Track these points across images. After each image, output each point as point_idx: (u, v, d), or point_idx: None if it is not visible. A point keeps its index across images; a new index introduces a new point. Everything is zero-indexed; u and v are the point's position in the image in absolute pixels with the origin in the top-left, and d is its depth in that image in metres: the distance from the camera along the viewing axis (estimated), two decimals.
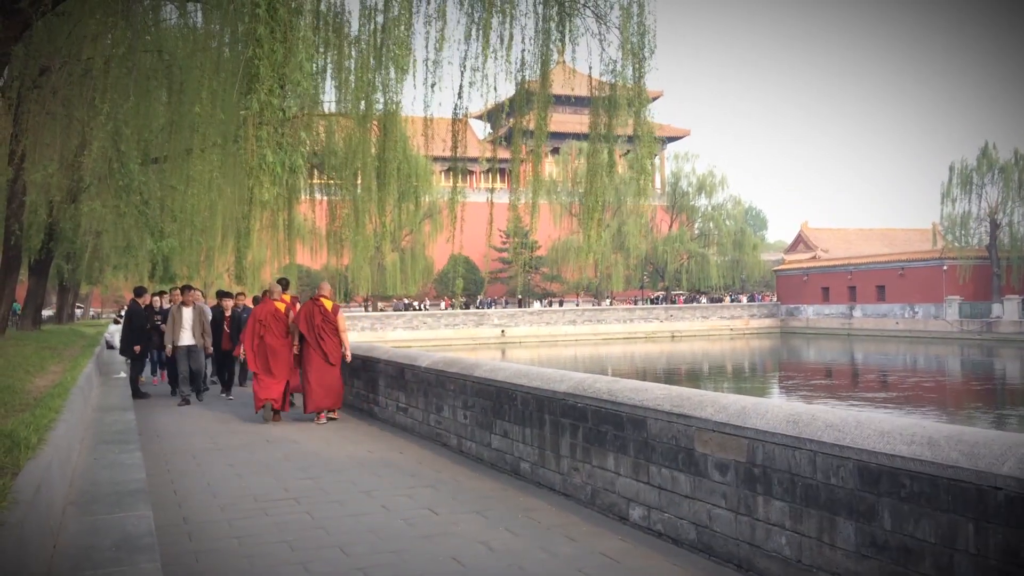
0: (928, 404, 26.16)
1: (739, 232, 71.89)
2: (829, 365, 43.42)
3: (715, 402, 5.03)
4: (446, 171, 14.51)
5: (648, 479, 5.43)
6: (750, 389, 31.95)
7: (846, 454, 3.96)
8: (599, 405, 6.00)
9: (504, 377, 7.61)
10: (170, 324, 13.49)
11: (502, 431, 7.61)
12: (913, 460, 3.63)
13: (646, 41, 10.57)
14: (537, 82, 11.41)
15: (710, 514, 4.85)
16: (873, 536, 3.80)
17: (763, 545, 4.44)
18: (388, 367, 10.94)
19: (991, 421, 22.50)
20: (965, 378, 36.29)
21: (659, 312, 66.51)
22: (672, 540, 5.16)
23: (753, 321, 68.57)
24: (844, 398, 27.85)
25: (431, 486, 7.06)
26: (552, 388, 6.69)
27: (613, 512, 5.80)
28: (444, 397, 8.99)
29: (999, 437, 3.51)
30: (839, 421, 4.14)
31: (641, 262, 70.33)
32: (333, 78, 13.17)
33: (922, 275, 58.12)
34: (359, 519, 5.98)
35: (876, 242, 75.63)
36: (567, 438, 6.45)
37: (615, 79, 10.95)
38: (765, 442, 4.46)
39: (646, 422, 5.46)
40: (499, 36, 10.54)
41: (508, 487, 6.94)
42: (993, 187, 55.25)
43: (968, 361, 42.95)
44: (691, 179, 72.98)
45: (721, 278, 70.18)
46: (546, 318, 62.81)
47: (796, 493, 4.25)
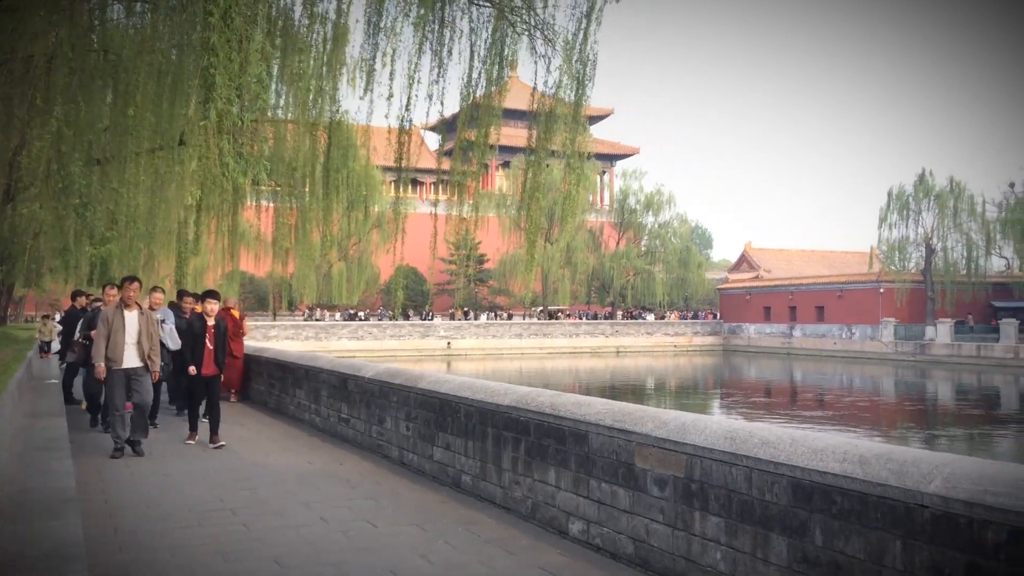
0: (862, 423, 26.78)
1: (685, 250, 72.84)
2: (769, 383, 44.18)
3: (656, 418, 5.09)
4: (404, 182, 14.55)
5: (588, 493, 5.46)
6: (691, 405, 32.34)
7: (780, 471, 4.04)
8: (542, 419, 6.02)
9: (448, 389, 7.59)
10: (100, 335, 9.30)
11: (444, 443, 7.58)
12: (844, 477, 3.72)
13: (588, 70, 10.76)
14: (485, 97, 11.48)
15: (648, 529, 4.90)
16: (805, 552, 3.88)
17: (699, 560, 4.50)
18: (331, 377, 10.83)
19: (922, 441, 23.12)
20: (898, 398, 37.24)
21: (605, 327, 66.98)
22: (610, 554, 5.19)
23: (696, 338, 69.47)
24: (782, 416, 28.35)
25: (371, 498, 7.00)
26: (496, 401, 6.69)
27: (553, 526, 5.82)
28: (387, 408, 8.93)
29: (927, 456, 3.62)
30: (774, 438, 4.23)
31: (588, 277, 70.80)
32: (282, 84, 13.06)
33: (860, 297, 59.56)
34: (297, 531, 5.90)
35: (817, 263, 77.33)
36: (509, 451, 6.46)
37: (558, 100, 11.11)
38: (703, 458, 4.53)
39: (588, 436, 5.50)
40: (449, 50, 10.59)
41: (449, 500, 6.92)
42: (929, 213, 56.93)
43: (902, 382, 44.08)
44: (639, 196, 73.79)
45: (666, 295, 70.98)
46: (492, 331, 62.80)
47: (732, 509, 4.31)
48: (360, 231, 45.82)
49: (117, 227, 15.54)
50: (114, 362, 9.15)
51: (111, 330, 9.20)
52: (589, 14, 10.62)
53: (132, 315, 9.35)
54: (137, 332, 9.31)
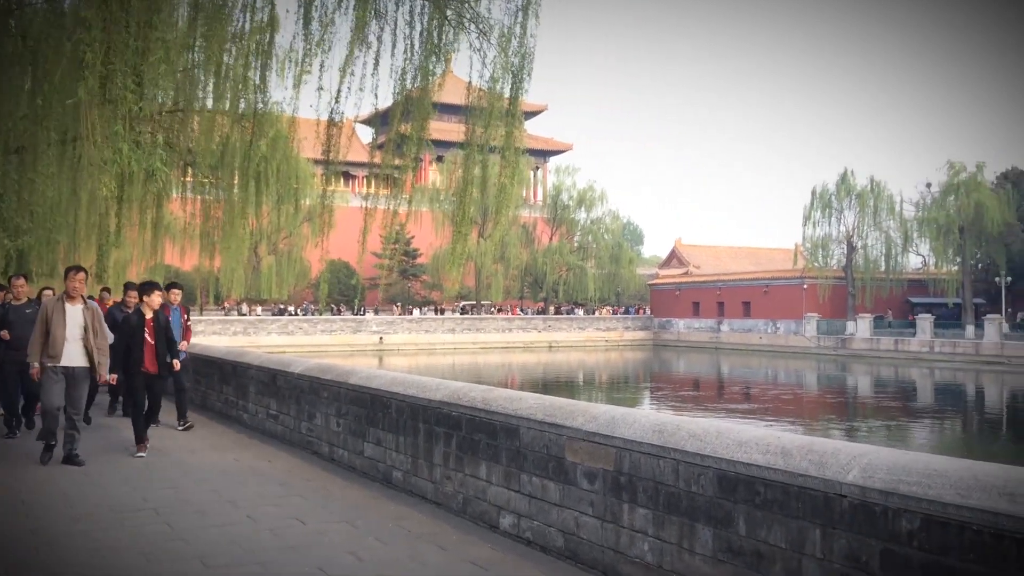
0: (786, 416, 27.51)
1: (616, 246, 73.61)
2: (697, 377, 45.03)
3: (586, 412, 5.14)
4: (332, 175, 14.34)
5: (519, 487, 5.49)
6: (622, 400, 32.77)
7: (707, 463, 4.12)
8: (474, 414, 6.03)
9: (379, 385, 7.54)
10: (38, 330, 8.38)
11: (375, 439, 7.53)
12: (768, 469, 3.81)
13: (525, 64, 10.76)
14: (420, 90, 11.40)
15: (578, 521, 4.95)
16: (729, 542, 3.97)
17: (627, 551, 4.57)
18: (259, 373, 10.65)
19: (842, 432, 23.86)
20: (820, 391, 38.37)
21: (537, 322, 67.34)
22: (541, 548, 5.23)
23: (627, 333, 70.36)
24: (710, 409, 28.94)
25: (300, 495, 6.91)
26: (427, 396, 6.67)
27: (484, 520, 5.83)
28: (317, 404, 8.82)
29: (845, 447, 3.74)
30: (701, 431, 4.31)
31: (521, 273, 71.03)
32: (211, 73, 12.76)
33: (784, 293, 61.11)
34: (222, 530, 5.79)
35: (744, 260, 79.05)
36: (441, 447, 6.45)
37: (492, 94, 11.09)
38: (632, 451, 4.59)
39: (519, 431, 5.52)
40: (381, 41, 10.49)
41: (380, 496, 6.87)
42: (850, 211, 58.69)
43: (823, 375, 45.42)
44: (572, 193, 74.26)
45: (598, 290, 71.64)
46: (425, 326, 62.57)
47: (659, 501, 4.39)
48: (290, 225, 45.08)
49: (35, 218, 14.98)
50: (53, 359, 8.20)
51: (50, 325, 8.23)
52: (526, 8, 10.62)
53: (75, 309, 8.35)
54: (81, 327, 8.31)
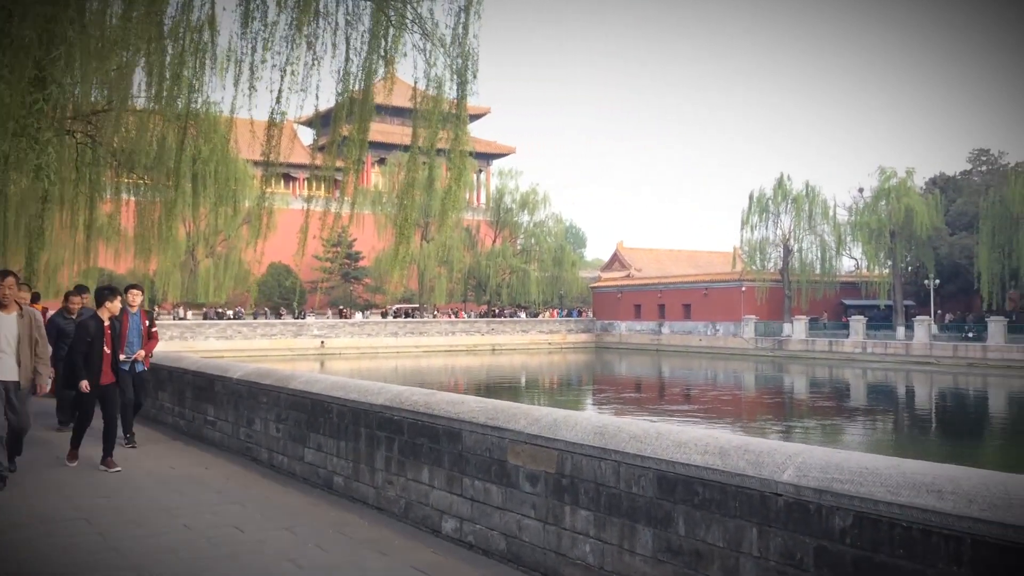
0: (725, 416, 27.98)
1: (559, 249, 74.02)
2: (639, 379, 45.52)
3: (528, 414, 5.15)
4: (271, 176, 14.06)
5: (462, 491, 5.48)
6: (565, 402, 32.95)
7: (647, 464, 4.17)
8: (416, 418, 6.00)
9: (320, 389, 7.46)
10: None
11: (316, 444, 7.44)
12: (706, 469, 3.87)
13: (469, 64, 10.75)
14: (363, 92, 11.31)
15: (520, 524, 4.96)
16: (669, 542, 4.02)
17: (568, 553, 4.59)
18: (197, 378, 10.44)
19: (779, 432, 24.36)
20: (758, 392, 39.11)
21: (481, 325, 67.31)
22: (483, 551, 5.23)
23: (570, 336, 70.76)
24: (651, 411, 29.27)
25: (238, 503, 6.79)
26: (369, 401, 6.62)
27: (426, 525, 5.81)
28: (256, 410, 8.68)
29: (781, 447, 3.82)
30: (641, 432, 4.36)
31: (464, 276, 70.96)
32: (145, 72, 12.47)
33: (723, 295, 62.17)
34: (157, 539, 5.65)
35: (684, 263, 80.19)
36: (382, 451, 6.40)
37: (438, 96, 11.06)
38: (574, 453, 4.62)
39: (461, 434, 5.51)
40: (322, 42, 10.38)
41: (320, 502, 6.79)
42: (787, 215, 60.03)
43: (761, 376, 46.29)
44: (515, 196, 74.47)
45: (541, 293, 71.94)
46: (367, 329, 62.03)
47: (601, 502, 4.42)
48: (229, 227, 44.24)
49: None
50: None
51: None
52: (467, 8, 10.62)
53: (10, 317, 7.63)
54: (15, 338, 7.60)
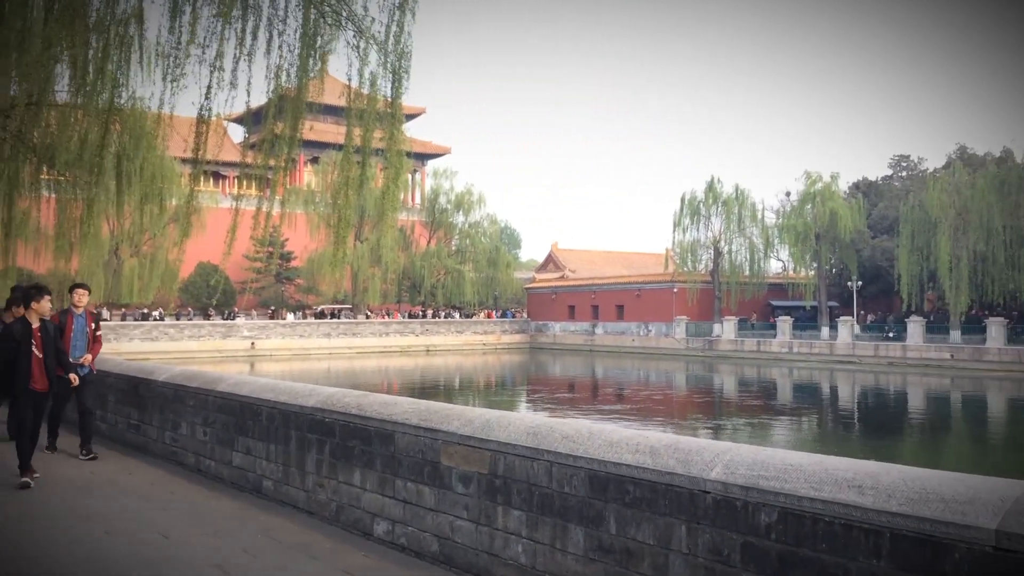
0: (656, 415, 28.38)
1: (494, 250, 74.12)
2: (572, 379, 45.86)
3: (461, 416, 5.14)
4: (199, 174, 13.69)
5: (394, 493, 5.43)
6: (499, 403, 33.01)
7: (579, 464, 4.20)
8: (347, 420, 5.93)
9: (249, 392, 7.32)
10: None
11: (245, 448, 7.30)
12: (637, 468, 3.91)
13: (404, 62, 10.68)
14: (297, 89, 11.14)
15: (452, 526, 4.94)
16: (600, 540, 4.05)
17: (501, 554, 4.59)
18: (120, 381, 10.13)
19: (708, 431, 24.82)
20: (689, 391, 39.79)
21: (415, 326, 66.97)
22: (415, 553, 5.19)
23: (505, 336, 70.92)
24: (584, 411, 29.52)
25: (163, 508, 6.61)
26: (300, 403, 6.52)
27: (358, 528, 5.74)
28: (182, 413, 8.47)
29: (709, 445, 3.89)
30: (573, 432, 4.38)
31: (399, 276, 70.52)
32: (69, 66, 12.08)
33: (656, 296, 63.08)
34: (76, 547, 5.47)
35: (617, 264, 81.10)
36: (314, 454, 6.31)
37: (372, 94, 10.95)
38: (507, 454, 4.62)
39: (394, 436, 5.47)
40: (255, 37, 10.19)
41: (249, 506, 6.66)
42: (717, 218, 61.27)
43: (692, 376, 47.11)
44: (450, 196, 74.32)
45: (476, 294, 71.94)
46: (299, 330, 61.14)
47: (533, 502, 4.43)
48: (155, 226, 43.16)
49: None
50: None
51: None
52: (402, 6, 10.54)
53: None
54: None
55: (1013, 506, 2.73)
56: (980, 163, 53.87)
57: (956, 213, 48.50)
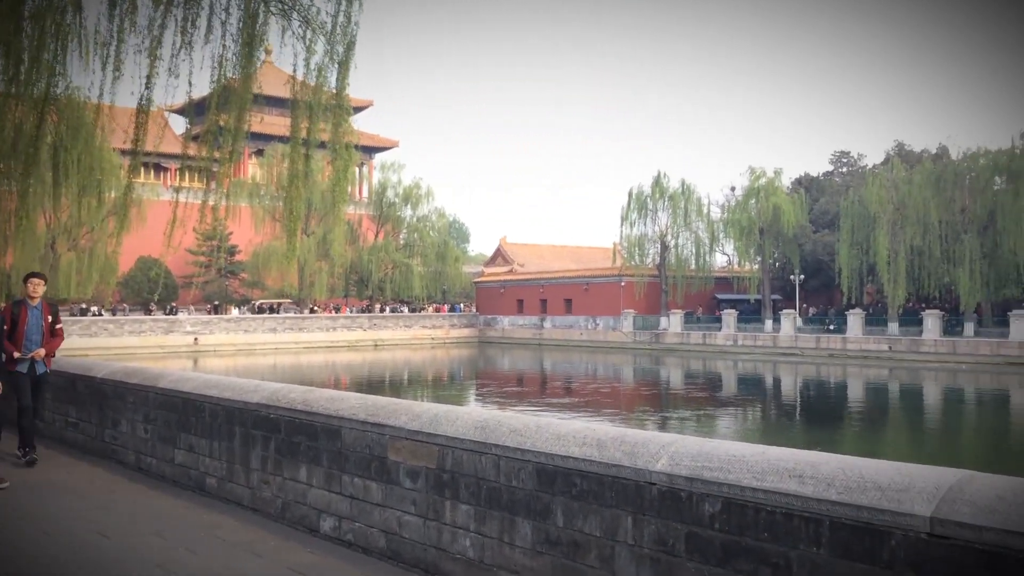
0: (604, 408, 28.63)
1: (443, 244, 73.91)
2: (521, 373, 46.00)
3: (409, 410, 5.11)
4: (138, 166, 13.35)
5: (341, 489, 5.38)
6: (447, 397, 32.96)
7: (527, 457, 4.21)
8: (293, 416, 5.85)
9: (192, 388, 7.18)
10: None
11: (187, 445, 7.16)
12: (584, 460, 3.94)
13: (351, 53, 10.56)
14: (241, 79, 10.94)
15: (400, 521, 4.91)
16: (547, 533, 4.07)
17: (449, 548, 4.58)
18: (57, 378, 9.84)
19: (655, 423, 25.12)
20: (636, 384, 40.22)
21: (363, 321, 66.48)
22: (362, 549, 5.15)
23: (453, 331, 70.82)
24: (533, 404, 29.63)
25: (102, 507, 6.46)
26: (244, 399, 6.42)
27: (304, 525, 5.68)
28: (122, 410, 8.28)
29: (655, 437, 3.92)
30: (521, 426, 4.39)
31: (346, 271, 69.90)
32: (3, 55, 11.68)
33: (604, 290, 63.58)
34: (14, 548, 5.31)
35: (566, 258, 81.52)
36: (258, 450, 6.22)
37: (319, 85, 10.81)
38: (455, 448, 4.61)
39: (341, 432, 5.42)
40: (196, 26, 9.99)
41: (192, 504, 6.54)
42: (664, 212, 61.98)
43: (639, 369, 47.62)
44: (398, 190, 73.84)
45: (424, 288, 71.68)
46: (244, 325, 60.26)
47: (481, 496, 4.43)
48: (93, 219, 42.09)
49: None
50: None
51: None
52: None
53: None
54: None
55: (947, 493, 2.81)
56: (917, 160, 55.40)
57: (894, 208, 49.77)
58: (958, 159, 50.74)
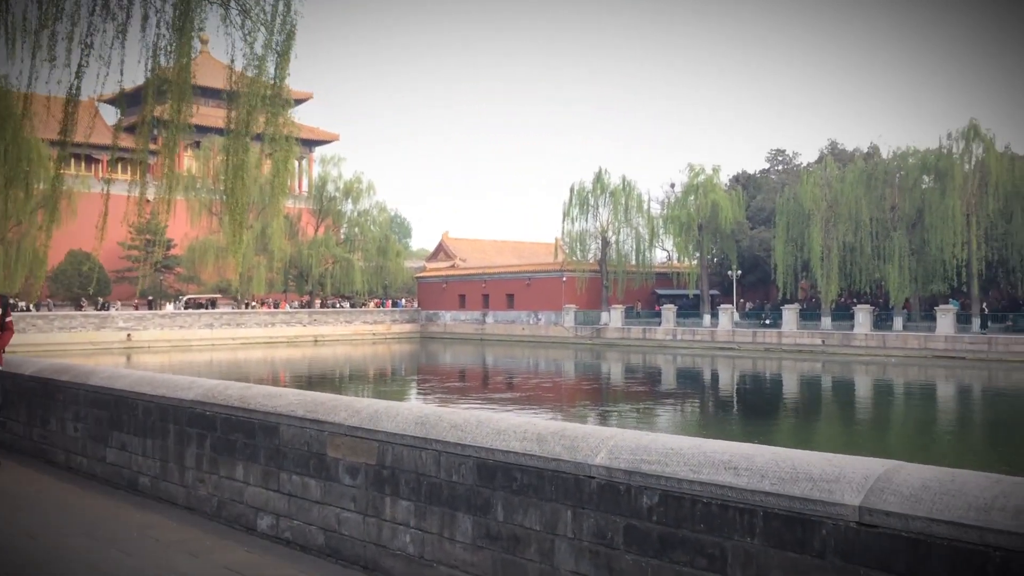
0: (546, 403, 28.78)
1: (384, 239, 73.39)
2: (463, 368, 45.95)
3: (349, 406, 5.07)
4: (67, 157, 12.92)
5: (279, 487, 5.31)
6: (388, 393, 32.78)
7: (467, 452, 4.21)
8: (230, 412, 5.75)
9: (124, 385, 7.01)
10: None
11: (120, 444, 6.99)
12: (524, 455, 3.95)
13: (291, 43, 10.39)
14: (176, 69, 10.68)
15: (339, 518, 4.87)
16: (488, 528, 4.08)
17: (389, 545, 4.56)
18: None
19: (596, 417, 25.35)
20: (577, 378, 40.51)
21: (302, 316, 65.66)
22: (301, 547, 5.10)
23: (395, 326, 70.40)
24: (475, 400, 29.64)
25: (29, 508, 6.26)
26: (179, 396, 6.29)
27: (241, 523, 5.59)
28: (52, 409, 8.04)
29: (595, 431, 3.96)
30: (462, 421, 4.39)
31: (285, 265, 68.90)
32: None
33: (545, 285, 63.87)
34: None
35: (508, 254, 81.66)
36: (194, 448, 6.10)
37: (258, 76, 10.61)
38: (395, 444, 4.59)
39: (279, 428, 5.34)
40: (128, 14, 9.72)
41: (124, 504, 6.38)
42: (605, 208, 62.58)
43: (580, 363, 47.97)
44: (338, 184, 73.05)
45: (366, 283, 71.09)
46: (180, 321, 58.99)
47: (421, 492, 4.42)
48: (21, 211, 40.68)
49: None
50: None
51: None
52: None
53: None
54: None
55: (875, 483, 2.90)
56: (850, 158, 56.83)
57: (827, 206, 51.01)
58: (888, 158, 52.21)
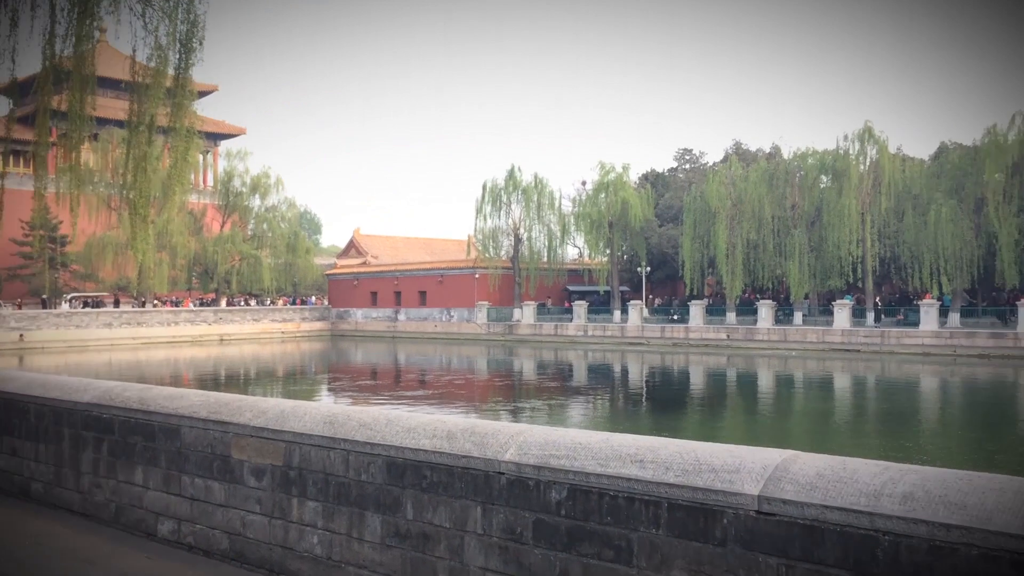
0: (458, 400, 28.76)
1: (293, 235, 71.93)
2: (374, 366, 45.51)
3: (254, 407, 4.95)
4: None
5: (180, 491, 5.16)
6: (297, 392, 32.18)
7: (376, 451, 4.17)
8: (128, 415, 5.55)
9: (15, 388, 6.68)
10: None
11: (10, 449, 6.66)
12: (434, 452, 3.94)
13: (196, 32, 10.07)
14: (75, 59, 10.22)
15: (244, 521, 4.76)
16: (397, 526, 4.05)
17: (295, 546, 4.48)
18: None
19: (507, 413, 25.47)
20: (490, 375, 40.62)
21: (207, 315, 63.84)
22: (203, 552, 4.96)
23: (304, 324, 69.17)
24: (386, 398, 29.39)
25: None
26: (73, 399, 6.03)
27: (140, 529, 5.40)
28: None
29: (505, 428, 3.98)
30: (371, 420, 4.35)
31: (189, 262, 66.83)
32: None
33: (458, 282, 63.80)
34: None
35: (420, 250, 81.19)
36: (90, 453, 5.86)
37: (161, 67, 10.25)
38: (302, 444, 4.51)
39: (180, 431, 5.19)
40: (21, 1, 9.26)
41: (16, 511, 6.09)
42: (517, 205, 62.86)
43: (493, 360, 48.11)
44: (245, 179, 71.19)
45: (274, 281, 69.57)
46: (76, 320, 56.55)
47: (329, 492, 4.35)
48: None
49: None
50: None
51: None
52: None
53: None
54: None
55: (773, 473, 3.00)
56: (753, 158, 58.63)
57: (732, 204, 52.48)
58: (789, 158, 54.00)
